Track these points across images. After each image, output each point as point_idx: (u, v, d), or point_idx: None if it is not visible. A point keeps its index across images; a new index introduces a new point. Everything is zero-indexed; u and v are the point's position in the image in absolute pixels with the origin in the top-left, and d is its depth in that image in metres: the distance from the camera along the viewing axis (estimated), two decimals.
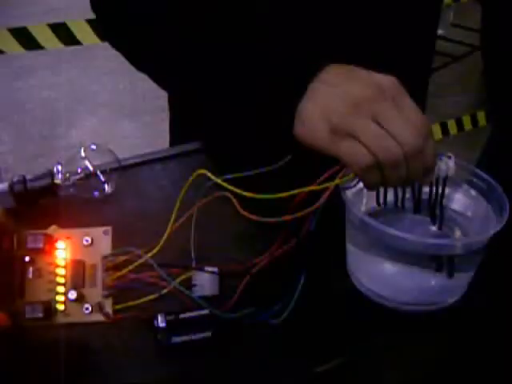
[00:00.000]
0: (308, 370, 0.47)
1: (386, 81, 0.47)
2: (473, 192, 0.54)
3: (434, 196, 0.53)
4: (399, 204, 0.54)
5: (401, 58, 0.61)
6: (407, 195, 0.54)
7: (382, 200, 0.53)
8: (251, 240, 0.56)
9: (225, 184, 0.46)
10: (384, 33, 0.64)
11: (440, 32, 2.72)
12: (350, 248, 0.54)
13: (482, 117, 2.27)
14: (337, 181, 0.47)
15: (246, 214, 0.46)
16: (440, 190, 0.52)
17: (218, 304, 0.47)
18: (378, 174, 0.47)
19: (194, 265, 0.49)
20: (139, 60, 0.61)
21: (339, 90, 0.47)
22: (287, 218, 0.46)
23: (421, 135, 0.46)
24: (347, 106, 0.46)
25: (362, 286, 0.53)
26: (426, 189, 0.53)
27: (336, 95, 0.47)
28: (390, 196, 0.54)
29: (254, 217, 0.46)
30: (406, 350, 0.49)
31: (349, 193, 0.51)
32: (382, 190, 0.53)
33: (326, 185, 0.46)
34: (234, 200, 0.47)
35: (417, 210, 0.54)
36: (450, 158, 0.51)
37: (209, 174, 0.47)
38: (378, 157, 0.45)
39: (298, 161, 0.48)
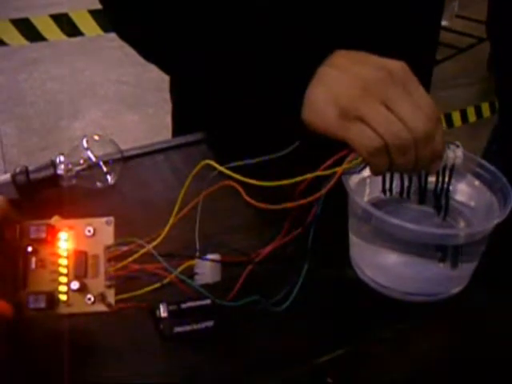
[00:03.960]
0: (310, 361, 0.47)
1: (396, 66, 0.47)
2: (477, 182, 0.54)
3: (440, 185, 0.52)
4: (404, 194, 0.53)
5: (404, 49, 0.60)
6: (413, 185, 0.54)
7: (387, 186, 0.53)
8: (256, 229, 0.56)
9: (229, 172, 0.46)
10: (387, 23, 0.63)
11: (444, 23, 2.70)
12: (353, 238, 0.54)
13: (486, 108, 2.26)
14: (344, 166, 0.46)
15: (250, 200, 0.46)
16: (446, 180, 0.52)
17: (220, 292, 0.47)
18: (385, 159, 0.46)
19: (197, 254, 0.49)
20: (147, 49, 0.61)
21: (348, 74, 0.47)
22: (293, 204, 0.46)
23: (430, 121, 0.45)
24: (356, 90, 0.46)
25: (364, 276, 0.53)
26: (431, 178, 0.53)
27: (345, 79, 0.46)
28: (395, 187, 0.54)
29: (259, 204, 0.46)
30: (408, 340, 0.49)
31: (352, 182, 0.51)
32: (388, 178, 0.53)
33: (333, 170, 0.46)
34: (239, 188, 0.46)
35: (422, 200, 0.54)
36: (458, 146, 0.50)
37: (214, 164, 0.46)
38: (387, 140, 0.45)
39: (306, 148, 0.47)
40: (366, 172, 0.54)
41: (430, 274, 0.51)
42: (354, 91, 0.46)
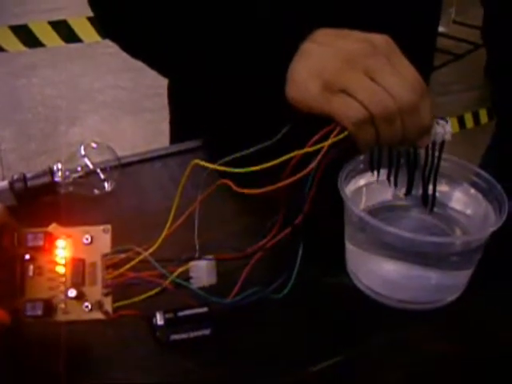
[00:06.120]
0: (305, 369, 0.47)
1: (380, 38, 0.47)
2: (472, 191, 0.54)
3: (428, 165, 0.52)
4: (392, 177, 0.53)
5: None
6: (403, 190, 0.54)
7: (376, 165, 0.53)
8: (253, 230, 0.56)
9: (220, 167, 0.45)
10: (383, 29, 0.64)
11: (442, 29, 2.71)
12: (349, 246, 0.54)
13: (483, 115, 2.27)
14: (330, 140, 0.45)
15: (240, 190, 0.46)
16: (436, 163, 0.51)
17: (217, 294, 0.47)
18: (371, 131, 0.46)
19: (196, 255, 0.49)
20: (133, 42, 0.60)
21: (331, 48, 0.47)
22: (284, 183, 0.45)
23: (415, 90, 0.45)
24: (339, 62, 0.46)
25: (360, 283, 0.53)
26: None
27: (328, 52, 0.46)
28: (386, 195, 0.54)
29: (250, 190, 0.45)
30: (404, 348, 0.49)
31: (348, 190, 0.51)
32: (376, 161, 0.53)
33: (320, 145, 0.45)
34: (230, 182, 0.46)
35: (409, 189, 0.53)
36: (447, 121, 0.49)
37: (202, 163, 0.46)
38: (371, 110, 0.45)
39: (296, 136, 0.46)
40: (363, 180, 0.54)
41: (426, 282, 0.51)
42: (336, 64, 0.45)
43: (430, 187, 0.54)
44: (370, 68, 0.45)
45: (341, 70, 0.45)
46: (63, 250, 0.47)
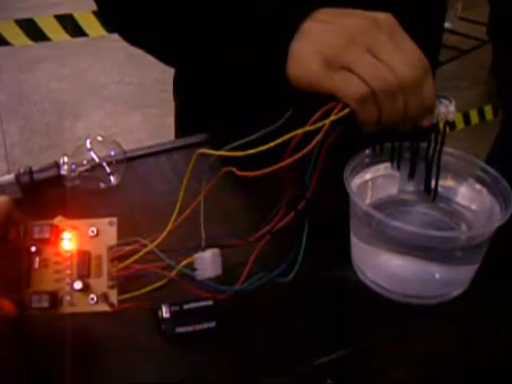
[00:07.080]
0: (310, 362, 0.47)
1: (382, 16, 0.46)
2: (478, 186, 0.54)
3: (432, 148, 0.51)
4: (395, 158, 0.53)
5: None
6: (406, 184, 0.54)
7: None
8: (257, 219, 0.56)
9: (224, 152, 0.45)
10: None
11: (448, 25, 2.70)
12: (354, 240, 0.54)
13: (489, 111, 2.26)
14: (332, 117, 0.45)
15: (242, 173, 0.45)
16: (439, 146, 0.51)
17: (224, 284, 0.47)
18: (373, 107, 0.45)
19: (203, 245, 0.49)
20: (135, 31, 0.60)
21: (332, 25, 0.46)
22: (285, 162, 0.45)
23: (417, 67, 0.45)
24: (340, 39, 0.45)
25: (365, 278, 0.53)
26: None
27: (329, 30, 0.46)
28: (392, 190, 0.54)
29: (252, 173, 0.45)
30: (409, 342, 0.49)
31: (353, 184, 0.51)
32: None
33: (322, 123, 0.45)
34: (234, 169, 0.46)
35: (412, 172, 0.53)
36: (451, 101, 0.49)
37: (209, 151, 0.46)
38: (373, 86, 0.44)
39: (300, 120, 0.46)
40: (368, 174, 0.54)
41: (431, 277, 0.51)
42: (338, 40, 0.45)
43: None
44: (372, 44, 0.45)
45: (342, 47, 0.45)
46: (69, 242, 0.47)
